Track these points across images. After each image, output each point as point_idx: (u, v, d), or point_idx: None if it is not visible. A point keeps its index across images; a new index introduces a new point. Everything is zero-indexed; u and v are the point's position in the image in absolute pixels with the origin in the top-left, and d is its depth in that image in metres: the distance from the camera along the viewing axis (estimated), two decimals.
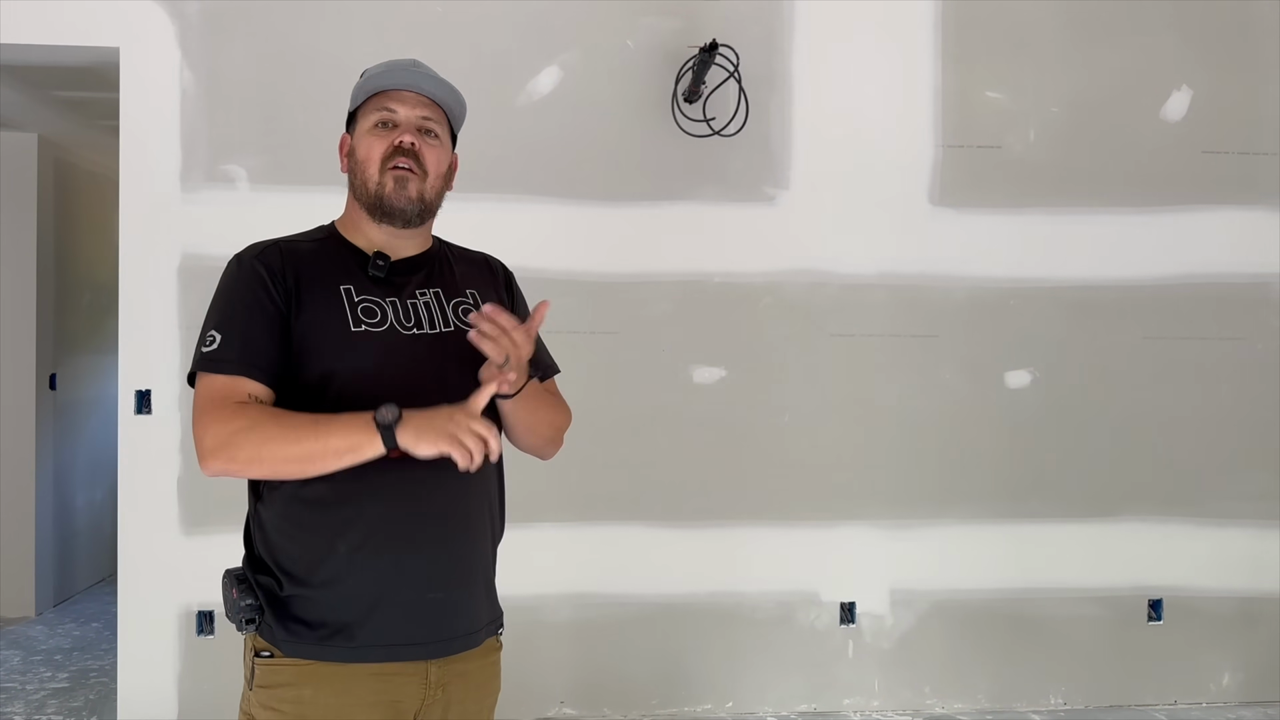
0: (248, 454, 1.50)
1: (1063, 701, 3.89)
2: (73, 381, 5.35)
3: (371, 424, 1.46)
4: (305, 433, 1.49)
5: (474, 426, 1.45)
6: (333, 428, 1.49)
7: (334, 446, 1.48)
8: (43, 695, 3.95)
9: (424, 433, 1.45)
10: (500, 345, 1.52)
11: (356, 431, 1.47)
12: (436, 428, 1.45)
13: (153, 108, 3.49)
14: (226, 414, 1.52)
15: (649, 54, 3.68)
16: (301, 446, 1.49)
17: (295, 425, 1.50)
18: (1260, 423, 3.95)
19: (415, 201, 1.66)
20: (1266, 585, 3.95)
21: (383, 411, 1.46)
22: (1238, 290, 3.94)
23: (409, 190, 1.65)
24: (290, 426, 1.50)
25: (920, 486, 3.83)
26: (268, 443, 1.49)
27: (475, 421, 1.46)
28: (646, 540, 3.71)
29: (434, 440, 1.45)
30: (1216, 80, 3.91)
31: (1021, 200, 3.84)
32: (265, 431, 1.50)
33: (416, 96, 1.69)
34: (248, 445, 1.50)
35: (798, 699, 3.79)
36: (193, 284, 3.46)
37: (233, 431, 1.50)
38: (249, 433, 1.50)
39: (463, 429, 1.45)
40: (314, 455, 1.49)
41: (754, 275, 3.74)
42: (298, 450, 1.49)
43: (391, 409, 1.45)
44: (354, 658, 1.58)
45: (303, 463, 1.50)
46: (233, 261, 1.67)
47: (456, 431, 1.45)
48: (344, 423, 1.49)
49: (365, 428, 1.46)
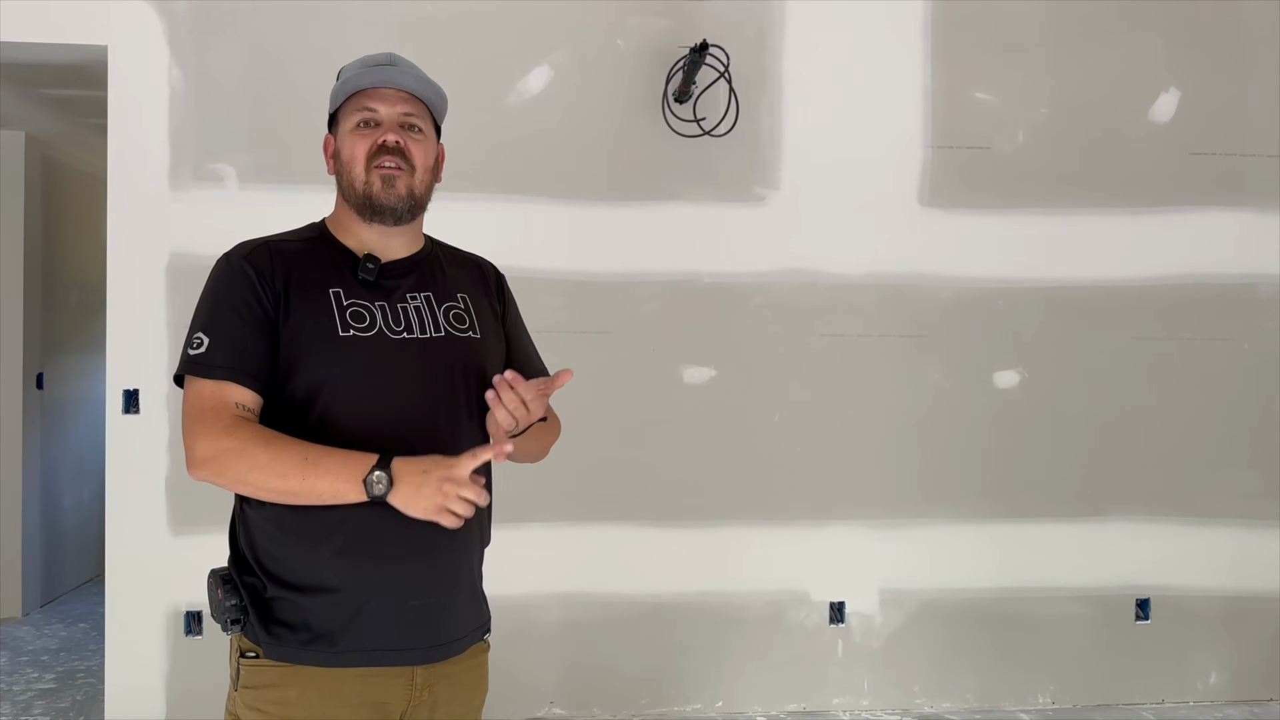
0: (233, 475, 1.53)
1: (1051, 701, 3.91)
2: (60, 381, 5.32)
3: (359, 483, 1.47)
4: (293, 469, 1.50)
5: (464, 495, 1.46)
6: (320, 473, 1.49)
7: (318, 491, 1.50)
8: (29, 696, 3.93)
9: (413, 503, 1.47)
10: (513, 412, 1.53)
11: (344, 484, 1.48)
12: (426, 498, 1.46)
13: (141, 106, 3.48)
14: (218, 429, 1.53)
15: (639, 54, 3.68)
16: (286, 483, 1.50)
17: (284, 459, 1.50)
18: (1248, 422, 3.97)
19: (405, 198, 1.65)
20: (1253, 584, 3.98)
21: (374, 483, 1.46)
22: (1225, 291, 3.95)
23: (397, 188, 1.64)
24: (279, 458, 1.50)
25: (910, 486, 3.83)
26: (254, 470, 1.51)
27: (465, 489, 1.46)
28: (636, 540, 3.72)
29: (423, 511, 1.47)
30: (1205, 82, 3.93)
31: (1010, 201, 3.85)
32: (254, 458, 1.51)
33: (396, 93, 1.67)
34: (235, 467, 1.51)
35: (787, 698, 3.80)
36: (181, 283, 3.44)
37: (223, 450, 1.52)
38: (238, 455, 1.51)
39: (452, 499, 1.46)
40: (298, 494, 1.51)
41: (744, 275, 3.75)
42: (282, 486, 1.51)
43: (383, 480, 1.46)
44: (336, 663, 1.57)
45: (285, 497, 1.52)
46: (221, 260, 1.65)
47: (446, 503, 1.46)
48: (333, 471, 1.49)
49: (353, 484, 1.48)
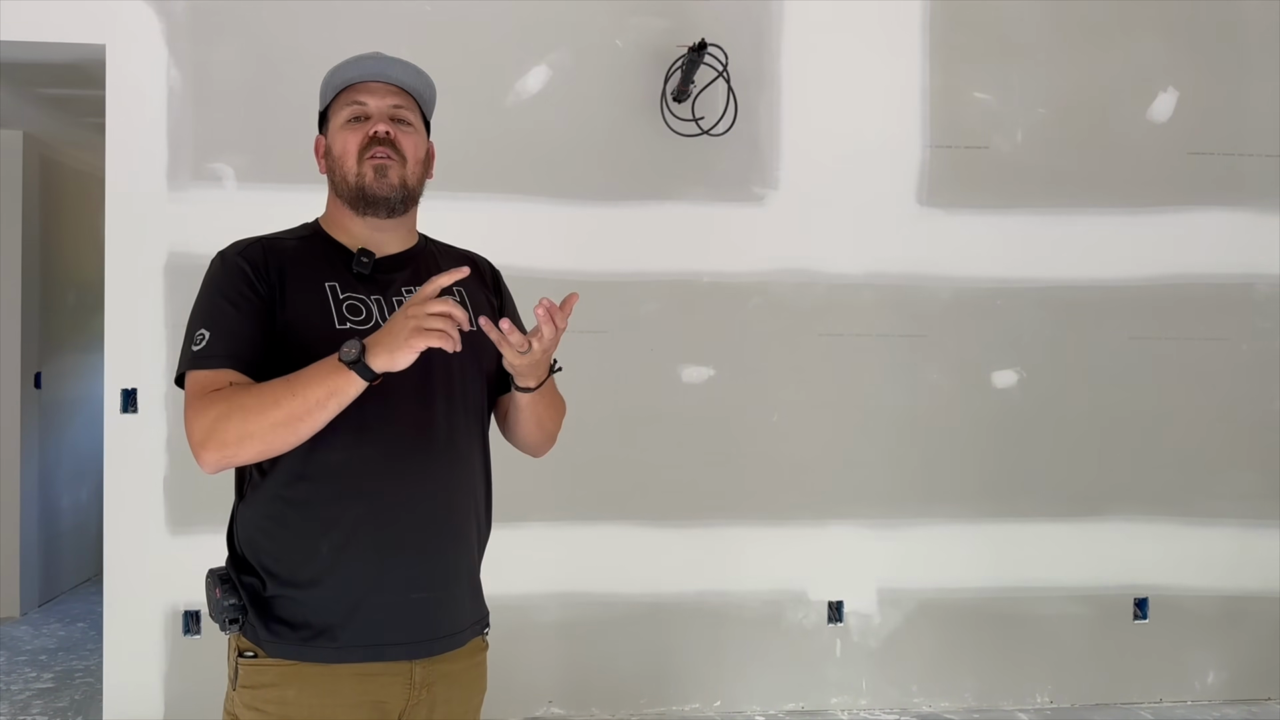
0: (235, 433, 1.49)
1: (1049, 700, 3.91)
2: (58, 380, 5.31)
3: (340, 364, 1.45)
4: (281, 394, 1.47)
5: (431, 309, 1.41)
6: (307, 380, 1.47)
7: (315, 398, 1.46)
8: (28, 695, 3.93)
9: (393, 347, 1.43)
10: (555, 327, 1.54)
11: (330, 376, 1.46)
12: (399, 333, 1.43)
13: (139, 106, 3.48)
14: (205, 404, 1.51)
15: (638, 53, 3.68)
16: (282, 409, 1.47)
17: (270, 391, 1.49)
18: (1245, 422, 3.97)
19: (397, 188, 1.65)
20: (1251, 584, 3.98)
21: (344, 350, 1.44)
22: (1223, 291, 3.96)
23: (390, 177, 1.64)
24: (265, 394, 1.48)
25: (908, 486, 3.84)
26: (249, 416, 1.48)
27: (431, 304, 1.42)
28: (635, 539, 3.72)
29: (406, 345, 1.42)
30: (1203, 82, 3.93)
31: (1009, 201, 3.85)
32: (244, 407, 1.48)
33: (385, 86, 1.68)
34: (232, 425, 1.48)
35: (785, 698, 3.80)
36: (179, 282, 3.44)
37: (215, 418, 1.49)
38: (229, 413, 1.49)
39: (423, 318, 1.42)
40: (298, 413, 1.47)
41: (742, 275, 3.75)
42: (280, 414, 1.47)
43: (351, 344, 1.44)
44: (337, 658, 1.57)
45: (291, 424, 1.48)
46: (216, 258, 1.66)
47: (421, 324, 1.42)
48: (314, 372, 1.47)
49: (337, 370, 1.45)
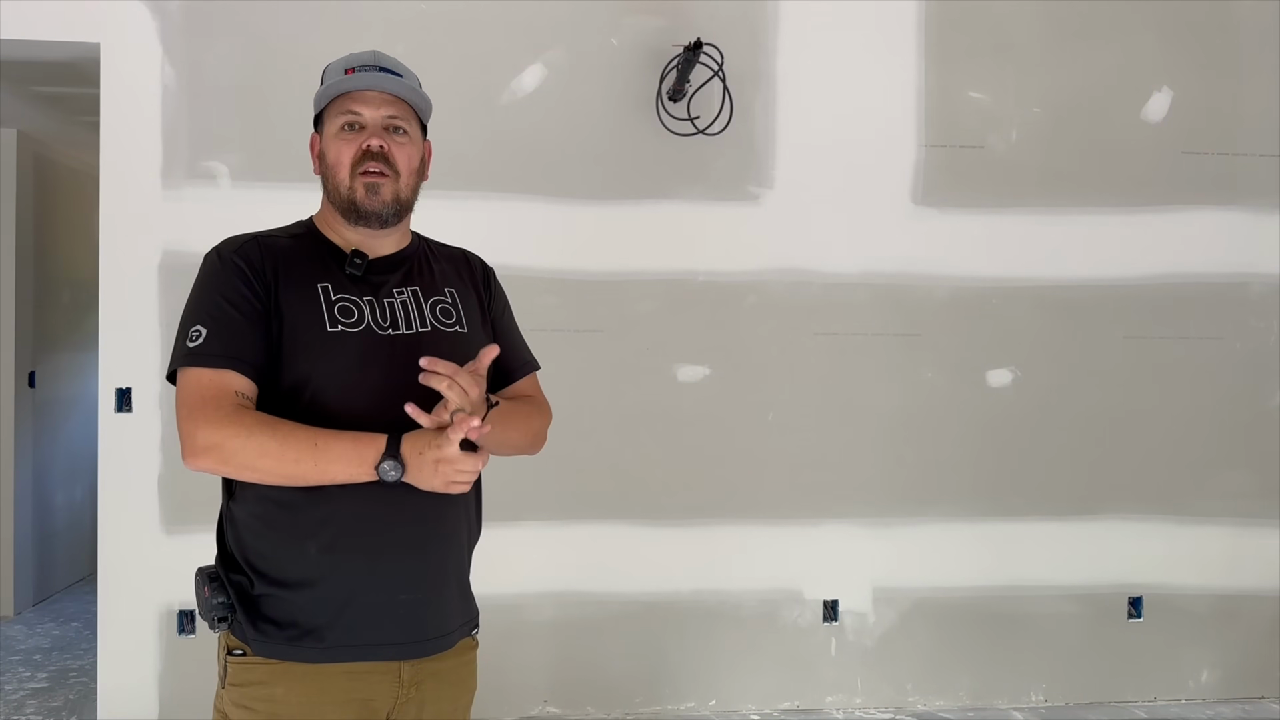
0: (241, 461, 1.52)
1: (1043, 699, 3.92)
2: (52, 379, 5.30)
3: (372, 469, 1.51)
4: (305, 455, 1.51)
5: (462, 468, 1.50)
6: (333, 458, 1.51)
7: (331, 474, 1.52)
8: (21, 695, 3.92)
9: (425, 484, 1.52)
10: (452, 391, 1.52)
11: (357, 467, 1.51)
12: (430, 478, 1.51)
13: (134, 104, 3.47)
14: (219, 417, 1.52)
15: (633, 52, 3.68)
16: (300, 468, 1.51)
17: (294, 444, 1.51)
18: (1239, 421, 3.98)
19: (389, 204, 1.66)
20: (1245, 582, 3.99)
21: (386, 470, 1.50)
22: (1217, 290, 3.97)
23: (382, 194, 1.65)
24: (288, 444, 1.51)
25: (903, 485, 3.84)
26: (264, 457, 1.51)
27: (462, 463, 1.50)
28: (630, 538, 3.72)
29: (435, 488, 1.52)
30: (1197, 81, 3.94)
31: (1004, 200, 3.86)
32: (262, 444, 1.50)
33: (380, 95, 1.67)
34: (243, 454, 1.51)
35: (780, 697, 3.80)
36: (174, 281, 3.43)
37: (228, 436, 1.51)
38: (246, 441, 1.50)
39: (453, 475, 1.51)
40: (308, 478, 1.52)
41: (738, 274, 3.75)
42: (294, 471, 1.51)
43: (395, 468, 1.50)
44: (324, 658, 1.58)
45: (294, 480, 1.53)
46: (211, 255, 1.66)
47: (453, 478, 1.51)
48: (345, 456, 1.51)
49: (365, 468, 1.51)
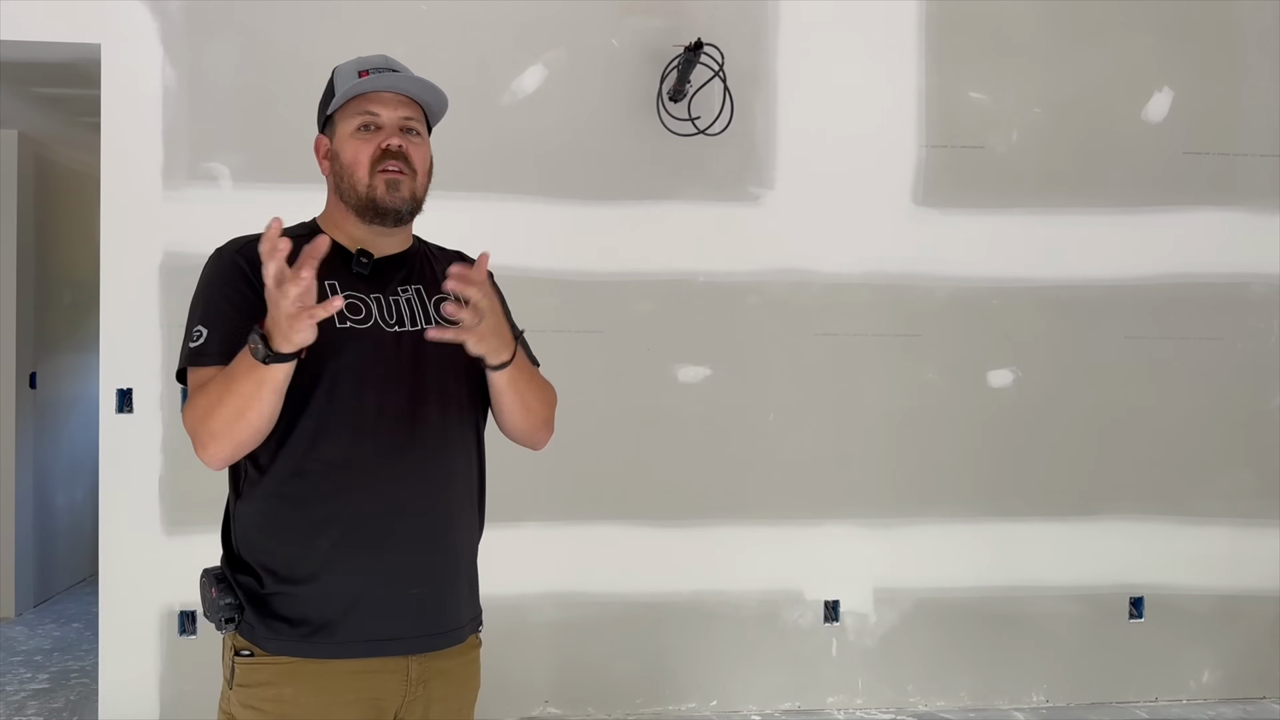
0: (208, 432, 1.53)
1: (1045, 699, 3.92)
2: (53, 380, 5.30)
3: (253, 358, 1.45)
4: (223, 390, 1.51)
5: (287, 300, 1.39)
6: (235, 375, 1.49)
7: (247, 390, 1.48)
8: (23, 696, 3.92)
9: (287, 336, 1.42)
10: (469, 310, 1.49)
11: (252, 369, 1.46)
12: (281, 326, 1.41)
13: (135, 105, 3.47)
14: (191, 403, 1.56)
15: (634, 53, 3.68)
16: (226, 405, 1.50)
17: (215, 389, 1.52)
18: (1240, 421, 3.98)
19: (408, 201, 1.68)
20: (1247, 583, 3.99)
21: (252, 348, 1.45)
22: (1218, 290, 3.96)
23: (402, 191, 1.66)
24: (212, 393, 1.52)
25: (903, 485, 3.84)
26: (209, 416, 1.52)
27: (279, 297, 1.39)
28: (631, 539, 3.71)
29: (293, 333, 1.41)
30: (1197, 82, 3.94)
31: (1004, 200, 3.86)
32: (206, 407, 1.52)
33: (397, 97, 1.69)
34: (204, 424, 1.53)
35: (781, 697, 3.80)
36: (175, 282, 3.43)
37: (194, 420, 1.55)
38: (203, 414, 1.53)
39: (284, 309, 1.40)
40: (240, 407, 1.49)
41: (738, 274, 3.75)
42: (227, 410, 1.50)
43: (254, 340, 1.44)
44: (337, 653, 1.58)
45: (242, 416, 1.50)
46: (214, 256, 1.67)
47: (288, 313, 1.40)
48: (238, 367, 1.49)
49: (250, 360, 1.46)
